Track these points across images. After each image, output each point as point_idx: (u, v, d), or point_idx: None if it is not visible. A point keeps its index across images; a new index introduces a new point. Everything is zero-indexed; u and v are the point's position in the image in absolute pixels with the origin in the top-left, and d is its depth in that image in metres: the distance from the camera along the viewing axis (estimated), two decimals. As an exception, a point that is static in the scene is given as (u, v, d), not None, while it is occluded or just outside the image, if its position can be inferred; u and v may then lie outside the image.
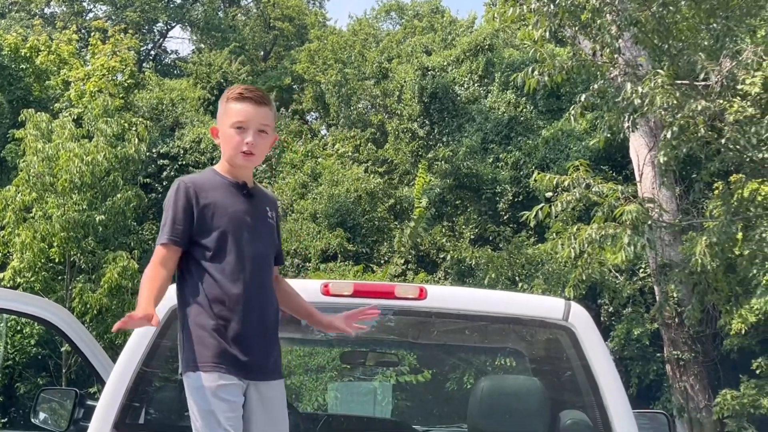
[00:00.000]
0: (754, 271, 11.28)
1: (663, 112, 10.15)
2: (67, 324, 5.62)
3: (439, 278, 18.55)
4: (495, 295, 5.06)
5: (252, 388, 3.48)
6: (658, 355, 15.28)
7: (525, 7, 9.87)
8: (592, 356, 4.42)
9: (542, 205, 11.84)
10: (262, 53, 28.79)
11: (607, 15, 9.82)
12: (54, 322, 5.51)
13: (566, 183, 11.69)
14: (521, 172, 18.52)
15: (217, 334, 3.42)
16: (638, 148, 14.47)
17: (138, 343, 4.35)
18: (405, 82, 21.73)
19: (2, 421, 16.07)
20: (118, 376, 4.32)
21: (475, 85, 21.15)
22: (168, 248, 3.47)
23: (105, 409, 4.29)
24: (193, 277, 3.51)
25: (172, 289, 4.46)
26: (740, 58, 11.11)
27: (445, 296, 4.63)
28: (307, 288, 4.61)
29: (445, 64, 21.50)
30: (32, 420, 5.70)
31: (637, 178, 14.58)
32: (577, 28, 10.24)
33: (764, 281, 11.64)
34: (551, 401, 4.64)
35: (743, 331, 13.23)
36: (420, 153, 21.00)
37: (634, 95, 9.65)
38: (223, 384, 3.37)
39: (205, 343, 3.42)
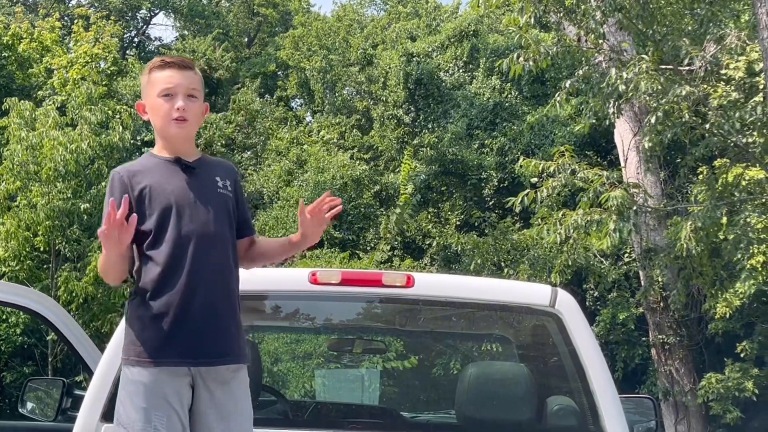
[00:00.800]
0: (739, 256, 11.33)
1: (647, 98, 10.16)
2: (53, 313, 5.60)
3: (425, 264, 18.57)
4: (482, 282, 5.04)
5: (199, 379, 3.30)
6: (644, 339, 15.35)
7: (509, -9, 9.91)
8: (578, 342, 4.43)
9: (528, 191, 11.85)
10: (246, 39, 28.69)
11: (592, 0, 9.82)
12: (40, 311, 5.49)
13: (551, 169, 11.72)
14: (506, 158, 18.51)
15: (157, 325, 3.26)
16: (623, 133, 14.50)
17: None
18: (390, 68, 21.68)
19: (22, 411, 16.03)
20: (105, 367, 4.30)
21: (460, 71, 21.14)
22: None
23: (93, 400, 4.28)
24: (139, 268, 3.32)
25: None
26: (724, 43, 11.13)
27: (432, 284, 4.63)
28: (294, 276, 4.61)
29: (429, 50, 21.46)
30: (20, 410, 5.68)
31: (622, 164, 14.61)
32: (561, 14, 10.24)
33: (748, 265, 11.69)
34: (538, 387, 4.65)
35: (728, 315, 13.29)
36: (405, 139, 21.00)
37: (618, 81, 9.67)
38: (160, 379, 3.24)
39: (144, 335, 3.27)
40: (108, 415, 4.28)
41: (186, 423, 3.27)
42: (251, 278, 4.19)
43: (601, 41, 11.05)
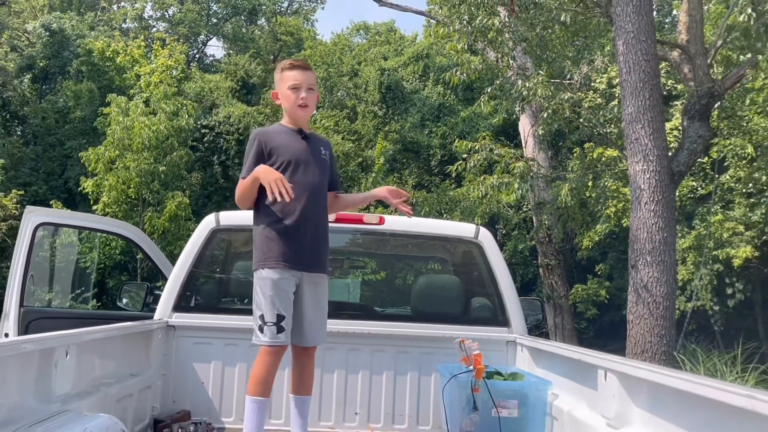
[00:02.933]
0: (599, 207, 11.44)
1: (542, 100, 10.15)
2: (140, 239, 5.56)
3: (391, 211, 18.53)
4: (429, 222, 5.04)
5: (305, 278, 3.31)
6: (535, 262, 15.52)
7: (451, 27, 9.76)
8: (493, 263, 4.46)
9: (460, 162, 11.85)
10: (272, 57, 28.27)
11: (506, 34, 9.74)
12: (131, 237, 5.45)
13: (476, 147, 11.73)
14: (447, 141, 18.47)
15: (280, 241, 3.24)
16: (525, 125, 14.53)
17: (189, 252, 4.32)
18: (369, 78, 21.50)
19: (97, 304, 16.00)
20: (176, 275, 4.30)
21: (417, 81, 20.99)
22: (247, 180, 3.28)
23: (167, 297, 4.28)
24: (266, 198, 3.25)
25: (210, 217, 4.43)
26: (593, 65, 11.11)
27: (396, 222, 4.62)
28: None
29: (396, 66, 21.29)
30: (118, 304, 5.66)
31: (524, 145, 14.66)
32: (485, 43, 10.17)
33: (605, 214, 11.78)
34: (465, 292, 4.68)
35: (590, 246, 13.44)
36: (379, 127, 20.87)
37: (522, 89, 9.64)
38: (281, 277, 3.22)
39: (270, 246, 3.25)
40: (178, 306, 4.28)
41: (292, 306, 3.28)
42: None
43: (511, 62, 10.99)
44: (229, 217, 4.47)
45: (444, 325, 4.29)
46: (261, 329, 3.20)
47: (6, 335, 4.83)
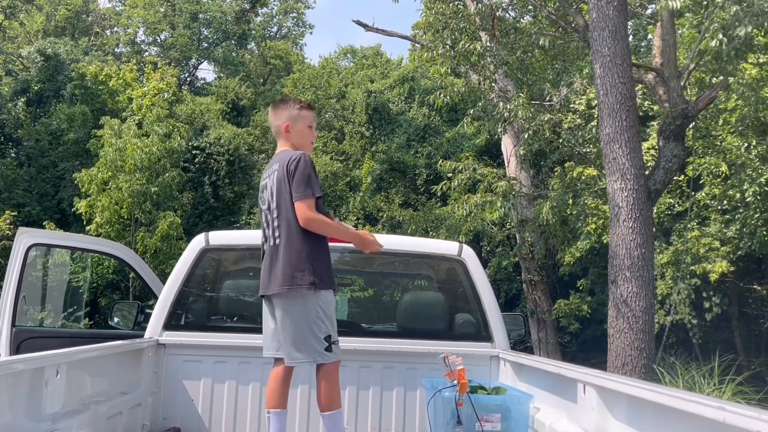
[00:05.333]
0: (579, 224, 11.47)
1: (523, 122, 10.22)
2: (131, 258, 5.53)
3: (378, 229, 18.53)
4: (414, 240, 5.04)
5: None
6: (518, 278, 15.51)
7: (434, 52, 9.83)
8: (476, 279, 4.46)
9: (444, 181, 11.89)
10: (261, 80, 28.33)
11: (488, 58, 9.82)
12: (122, 257, 5.42)
13: (460, 167, 11.77)
14: (432, 161, 18.49)
15: (328, 264, 3.40)
16: (507, 145, 14.62)
17: (179, 271, 4.31)
18: (356, 100, 21.56)
19: (90, 323, 15.86)
20: (166, 294, 4.28)
21: (402, 103, 21.07)
22: (315, 200, 3.37)
23: (158, 315, 4.26)
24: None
25: (200, 237, 4.42)
26: (572, 87, 11.21)
27: (383, 241, 4.61)
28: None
29: (382, 89, 21.34)
30: (109, 323, 5.61)
31: (506, 165, 14.74)
32: (468, 66, 10.25)
33: (585, 231, 11.82)
34: (450, 308, 4.68)
35: (572, 262, 13.47)
36: (366, 147, 20.90)
37: (504, 110, 9.70)
38: (333, 299, 3.40)
39: (325, 270, 3.35)
40: (168, 325, 4.26)
41: None
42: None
43: (493, 84, 11.07)
44: (219, 237, 4.46)
45: (429, 341, 4.28)
46: (329, 349, 3.29)
47: (-2, 355, 4.78)
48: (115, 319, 5.55)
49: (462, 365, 3.63)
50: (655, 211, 12.40)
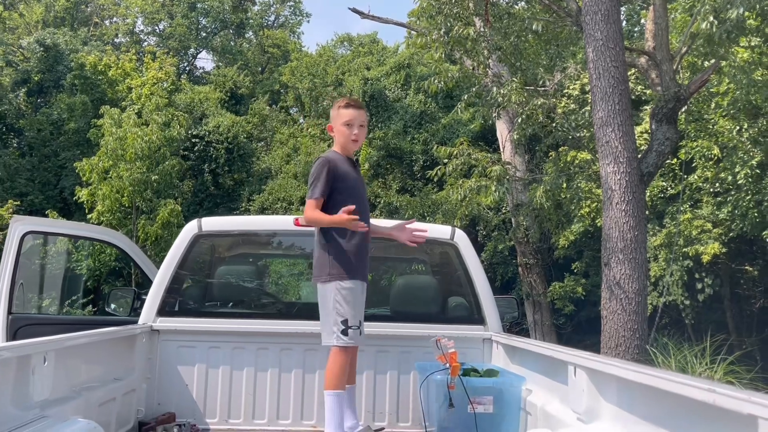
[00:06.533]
0: (573, 208, 11.40)
1: (516, 106, 10.11)
2: (126, 245, 5.47)
3: (376, 215, 18.43)
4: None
5: (363, 287, 3.56)
6: (514, 261, 15.49)
7: (428, 37, 9.69)
8: (469, 263, 4.40)
9: (439, 166, 11.81)
10: (260, 69, 28.12)
11: (481, 43, 9.69)
12: (117, 244, 5.36)
13: (455, 152, 11.67)
14: (428, 146, 18.37)
15: (355, 255, 3.49)
16: (502, 130, 14.54)
17: (172, 258, 4.24)
18: (353, 88, 21.38)
19: (93, 310, 15.82)
20: (159, 281, 4.22)
21: (399, 90, 20.91)
22: (319, 201, 3.48)
23: (151, 301, 4.20)
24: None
25: (193, 223, 4.35)
26: (566, 72, 11.09)
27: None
28: (285, 221, 4.51)
29: (379, 76, 21.17)
30: (106, 309, 5.55)
31: (502, 150, 14.66)
32: (462, 52, 10.13)
33: (579, 214, 11.76)
34: (442, 292, 4.62)
35: (566, 246, 13.43)
36: (363, 134, 20.80)
37: (497, 95, 9.59)
38: (357, 288, 3.47)
39: (348, 261, 3.47)
40: (162, 311, 4.20)
41: None
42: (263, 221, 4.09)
43: (487, 70, 10.95)
44: (212, 223, 4.39)
45: (422, 324, 4.23)
46: (345, 332, 3.41)
47: (-6, 342, 4.72)
48: (112, 306, 5.49)
49: (454, 348, 3.57)
50: (648, 194, 12.33)
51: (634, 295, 7.26)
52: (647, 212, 12.22)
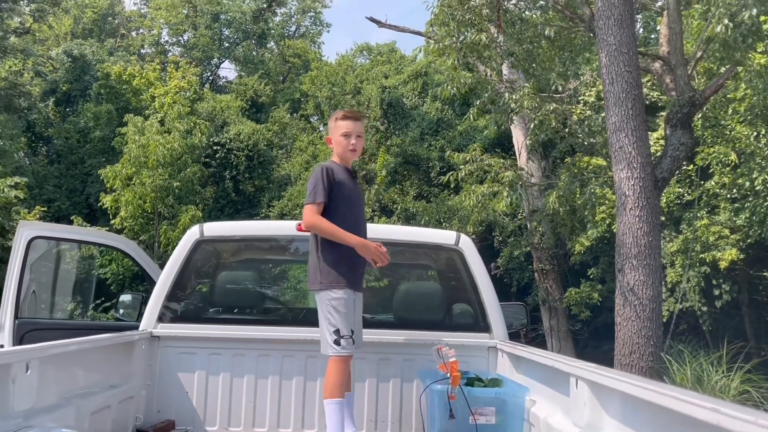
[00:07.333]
0: (587, 213, 11.18)
1: (529, 111, 9.94)
2: (132, 250, 5.39)
3: (394, 221, 18.32)
4: (411, 230, 4.83)
5: (356, 296, 3.51)
6: (530, 267, 15.24)
7: (442, 44, 9.55)
8: (474, 269, 4.24)
9: (452, 172, 11.66)
10: (281, 78, 28.18)
11: (494, 49, 9.52)
12: (123, 249, 5.28)
13: (468, 158, 11.52)
14: (445, 153, 18.22)
15: (348, 264, 3.43)
16: (518, 136, 14.37)
17: (173, 263, 4.13)
18: (371, 96, 21.30)
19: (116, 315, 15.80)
20: (160, 286, 4.12)
21: (416, 97, 20.77)
22: (320, 206, 3.41)
23: (152, 307, 4.10)
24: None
25: (195, 228, 4.24)
26: (582, 79, 10.89)
27: (379, 231, 4.38)
28: (288, 226, 4.38)
29: (397, 84, 21.06)
30: (114, 314, 5.46)
31: (517, 156, 14.48)
32: (475, 58, 9.96)
33: (594, 220, 11.54)
34: (447, 298, 4.46)
35: (582, 252, 13.19)
36: (381, 141, 20.65)
37: (510, 101, 9.43)
38: (349, 297, 3.40)
39: (340, 270, 3.41)
40: (162, 317, 4.08)
41: None
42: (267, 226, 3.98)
43: (500, 76, 10.78)
44: (214, 228, 4.27)
45: (426, 332, 4.07)
46: (338, 342, 3.34)
47: (1, 346, 4.64)
48: (121, 311, 5.40)
49: (455, 357, 3.41)
50: (664, 200, 12.07)
51: (649, 301, 7.07)
52: (663, 218, 11.95)
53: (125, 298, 5.64)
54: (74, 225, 15.50)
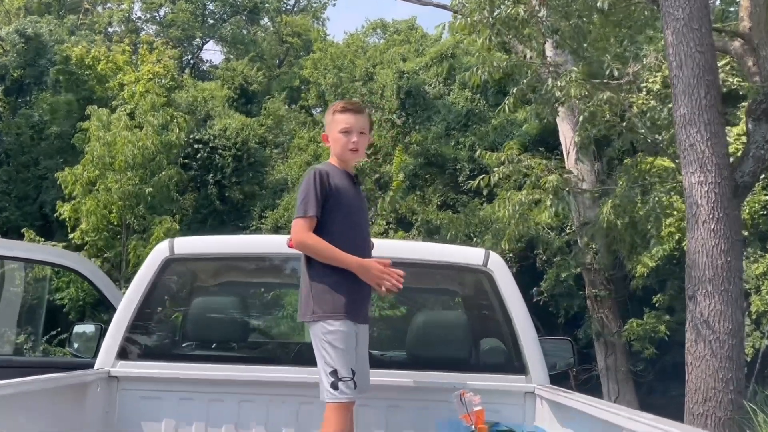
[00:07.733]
0: (649, 227, 11.13)
1: (577, 101, 9.92)
2: (91, 272, 5.42)
3: (413, 235, 18.32)
4: (430, 247, 4.84)
5: (360, 330, 3.50)
6: (581, 292, 15.15)
7: (469, 19, 9.57)
8: (506, 295, 4.21)
9: (483, 176, 11.65)
10: (277, 61, 28.39)
11: (534, 26, 9.53)
12: (79, 269, 5.32)
13: (503, 159, 11.53)
14: (476, 153, 18.23)
15: (346, 291, 3.41)
16: (565, 132, 14.34)
17: (137, 288, 4.15)
18: (386, 83, 21.37)
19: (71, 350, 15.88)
20: (120, 316, 4.16)
21: (441, 85, 20.84)
22: (312, 220, 3.41)
23: (110, 341, 4.14)
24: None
25: (163, 244, 4.25)
26: (644, 62, 10.86)
27: (390, 248, 4.38)
28: (277, 242, 4.38)
29: (417, 68, 21.13)
30: (68, 348, 5.48)
31: (565, 156, 14.44)
32: (511, 36, 9.97)
33: (658, 235, 11.50)
34: (473, 331, 4.44)
35: (645, 274, 13.12)
36: (398, 138, 20.72)
37: (555, 88, 9.42)
38: (349, 331, 3.38)
39: (337, 298, 3.40)
40: (122, 353, 4.10)
41: None
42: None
43: (545, 58, 10.78)
44: (186, 245, 4.30)
45: (446, 373, 4.06)
46: (335, 386, 3.31)
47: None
48: (75, 345, 5.41)
49: (480, 405, 3.40)
50: (746, 210, 11.97)
51: (727, 336, 7.02)
52: (746, 233, 11.85)
53: (81, 329, 5.66)
54: (25, 239, 15.62)
